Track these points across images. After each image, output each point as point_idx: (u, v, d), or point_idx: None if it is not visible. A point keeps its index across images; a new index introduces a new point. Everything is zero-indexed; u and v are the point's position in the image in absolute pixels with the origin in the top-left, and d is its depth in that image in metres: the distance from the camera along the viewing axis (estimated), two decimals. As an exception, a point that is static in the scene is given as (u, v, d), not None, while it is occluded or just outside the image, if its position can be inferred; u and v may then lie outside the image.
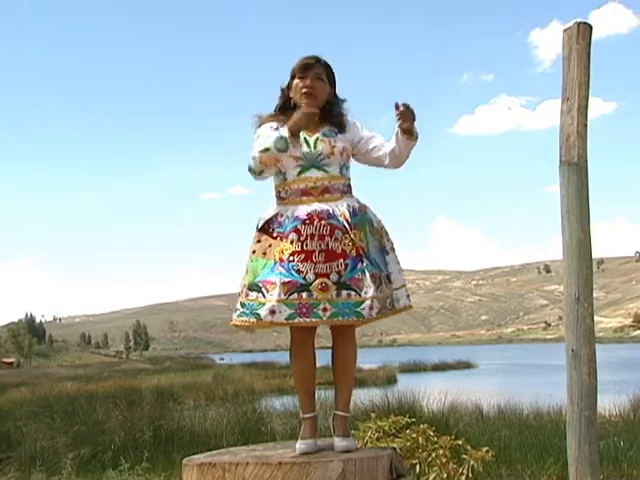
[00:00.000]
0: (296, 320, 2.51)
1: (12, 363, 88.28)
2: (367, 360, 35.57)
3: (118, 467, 6.90)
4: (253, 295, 2.57)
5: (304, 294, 2.51)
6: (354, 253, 2.57)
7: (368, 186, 2.98)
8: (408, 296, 2.76)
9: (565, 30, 2.89)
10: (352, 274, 2.55)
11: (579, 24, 2.85)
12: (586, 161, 2.81)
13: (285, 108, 2.77)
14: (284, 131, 2.59)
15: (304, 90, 2.72)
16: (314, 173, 2.68)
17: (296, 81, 2.75)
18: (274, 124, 2.73)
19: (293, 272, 2.53)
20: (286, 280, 2.52)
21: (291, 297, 2.51)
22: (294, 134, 2.59)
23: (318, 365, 2.73)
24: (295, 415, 8.69)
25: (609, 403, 9.99)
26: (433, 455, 4.30)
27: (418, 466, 4.26)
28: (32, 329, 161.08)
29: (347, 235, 2.59)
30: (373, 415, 4.93)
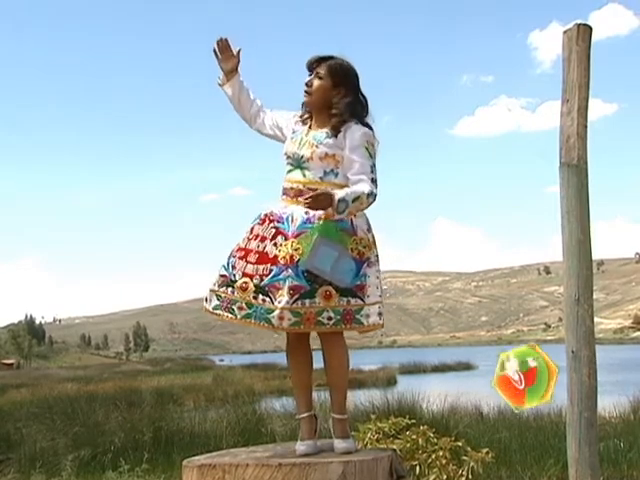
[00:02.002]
0: (217, 312, 2.65)
1: (12, 364, 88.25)
2: (367, 361, 35.59)
3: (118, 468, 6.90)
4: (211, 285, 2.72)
5: (229, 289, 2.63)
6: (283, 261, 2.56)
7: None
8: (380, 314, 2.64)
9: (565, 32, 2.89)
10: (272, 281, 2.56)
11: (579, 25, 2.85)
12: (586, 162, 2.81)
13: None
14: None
15: (304, 89, 2.76)
16: (296, 175, 2.70)
17: None
18: (297, 117, 2.85)
19: (230, 267, 2.65)
20: (222, 273, 2.66)
21: (220, 290, 2.64)
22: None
23: (320, 366, 2.74)
24: (295, 416, 8.69)
25: (609, 404, 10.00)
26: (433, 456, 4.30)
27: (418, 467, 4.26)
28: (32, 330, 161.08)
29: (286, 242, 2.59)
30: (373, 416, 4.93)
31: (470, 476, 4.29)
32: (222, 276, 2.65)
